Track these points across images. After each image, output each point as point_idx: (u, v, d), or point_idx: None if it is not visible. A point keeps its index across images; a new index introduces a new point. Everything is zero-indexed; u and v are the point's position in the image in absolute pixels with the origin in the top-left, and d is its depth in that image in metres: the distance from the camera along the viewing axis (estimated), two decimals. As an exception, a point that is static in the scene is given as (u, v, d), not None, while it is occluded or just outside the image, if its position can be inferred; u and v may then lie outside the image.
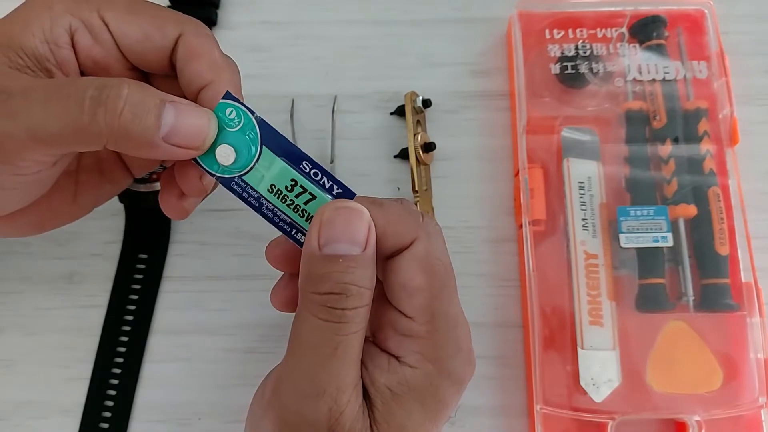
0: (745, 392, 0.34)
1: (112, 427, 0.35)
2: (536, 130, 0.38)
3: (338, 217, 0.25)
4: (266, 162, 0.26)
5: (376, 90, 0.41)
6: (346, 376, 0.24)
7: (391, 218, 0.26)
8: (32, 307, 0.37)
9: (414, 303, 0.26)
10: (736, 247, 0.36)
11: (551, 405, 0.34)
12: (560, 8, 0.40)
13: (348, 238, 0.25)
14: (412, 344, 0.26)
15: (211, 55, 0.28)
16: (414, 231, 0.26)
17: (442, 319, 0.26)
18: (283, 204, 0.26)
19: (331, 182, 0.26)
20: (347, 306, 0.24)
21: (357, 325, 0.25)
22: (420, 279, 0.26)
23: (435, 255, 0.26)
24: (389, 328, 0.26)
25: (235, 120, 0.26)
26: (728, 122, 0.38)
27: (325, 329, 0.24)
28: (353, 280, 0.24)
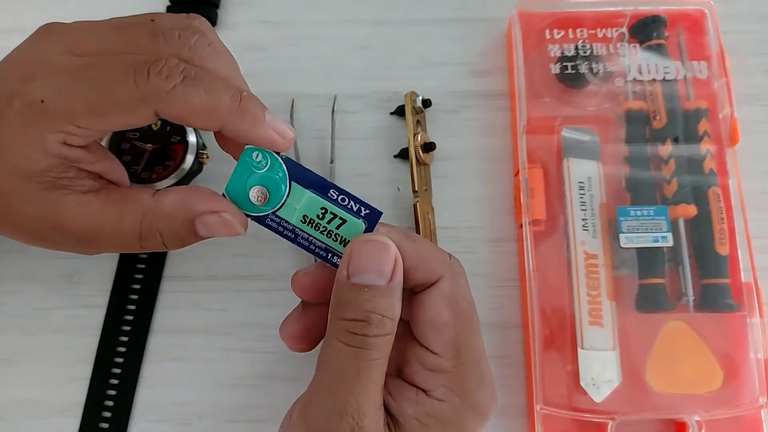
0: (745, 392, 0.34)
1: (112, 427, 0.35)
2: (536, 130, 0.38)
3: (366, 250, 0.27)
4: (296, 195, 0.27)
5: (376, 90, 0.41)
6: (367, 400, 0.26)
7: (422, 254, 0.28)
8: (32, 307, 0.37)
9: (441, 339, 0.27)
10: (736, 247, 0.36)
11: (551, 405, 0.33)
12: (560, 8, 0.40)
13: (375, 269, 0.26)
14: (439, 378, 0.27)
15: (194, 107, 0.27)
16: (441, 269, 0.28)
17: (468, 353, 0.27)
18: (316, 231, 0.28)
19: (359, 205, 0.27)
20: (369, 333, 0.26)
21: (378, 352, 0.26)
22: (447, 315, 0.27)
23: (460, 293, 0.28)
24: (416, 363, 0.28)
25: (262, 162, 0.27)
26: (728, 122, 0.38)
27: (348, 353, 0.26)
28: (376, 308, 0.26)
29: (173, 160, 0.37)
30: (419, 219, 0.37)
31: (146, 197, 0.29)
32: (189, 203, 0.28)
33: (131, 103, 0.27)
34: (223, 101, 0.27)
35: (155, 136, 0.38)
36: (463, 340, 0.27)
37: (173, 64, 0.27)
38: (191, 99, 0.27)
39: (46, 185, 0.28)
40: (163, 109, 0.27)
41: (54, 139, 0.27)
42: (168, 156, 0.37)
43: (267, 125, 0.27)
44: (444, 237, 0.38)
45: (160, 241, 0.29)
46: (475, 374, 0.27)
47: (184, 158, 0.37)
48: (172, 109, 0.27)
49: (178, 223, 0.28)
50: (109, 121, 0.27)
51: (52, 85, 0.27)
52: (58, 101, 0.27)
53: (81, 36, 0.29)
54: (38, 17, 0.42)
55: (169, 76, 0.26)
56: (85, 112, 0.27)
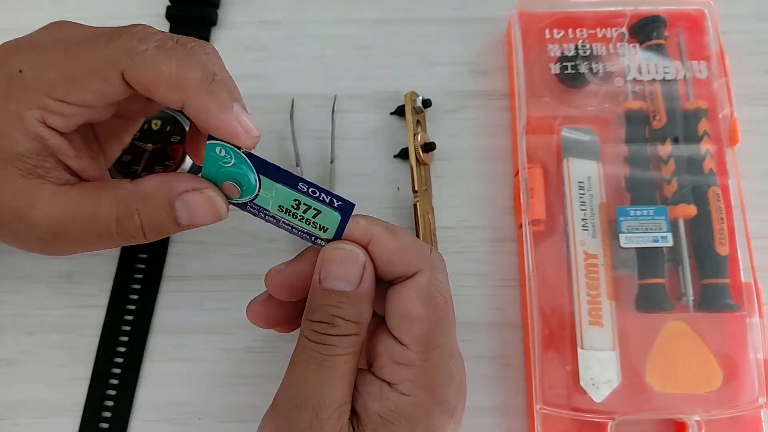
0: (744, 392, 0.34)
1: (112, 427, 0.35)
2: (536, 130, 0.38)
3: (334, 258, 0.27)
4: (267, 187, 0.27)
5: (376, 90, 0.41)
6: (327, 392, 0.26)
7: (400, 246, 0.28)
8: (32, 307, 0.37)
9: (411, 331, 0.27)
10: (736, 247, 0.36)
11: (551, 405, 0.33)
12: (560, 8, 0.40)
13: (342, 276, 0.27)
14: (406, 372, 0.27)
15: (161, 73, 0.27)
16: (420, 262, 0.28)
17: (437, 349, 0.27)
18: (295, 219, 0.28)
19: (330, 197, 0.27)
20: (332, 333, 0.27)
21: (343, 349, 0.27)
22: (420, 309, 0.27)
23: (437, 288, 0.28)
24: (385, 356, 0.28)
25: (226, 157, 0.27)
26: (728, 122, 0.38)
27: (313, 348, 0.27)
28: (342, 313, 0.27)
29: (173, 160, 0.37)
30: (419, 219, 0.37)
31: (124, 183, 0.28)
32: (170, 183, 0.27)
33: (101, 65, 0.26)
34: (193, 76, 0.26)
35: (155, 136, 0.38)
36: (434, 336, 0.27)
37: (150, 32, 0.27)
38: (160, 66, 0.26)
39: (24, 172, 0.27)
40: (130, 70, 0.26)
41: (32, 116, 0.27)
42: (168, 156, 0.37)
43: (233, 115, 0.27)
44: (444, 237, 0.38)
45: (138, 226, 0.28)
46: (443, 370, 0.27)
47: (184, 158, 0.37)
48: (139, 72, 0.26)
49: (158, 204, 0.27)
50: (81, 88, 0.27)
51: (32, 56, 0.27)
52: (35, 70, 0.27)
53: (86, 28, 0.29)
54: (38, 17, 0.42)
55: (141, 40, 0.26)
56: (59, 81, 0.27)
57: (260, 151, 0.40)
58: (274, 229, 0.29)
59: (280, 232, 0.29)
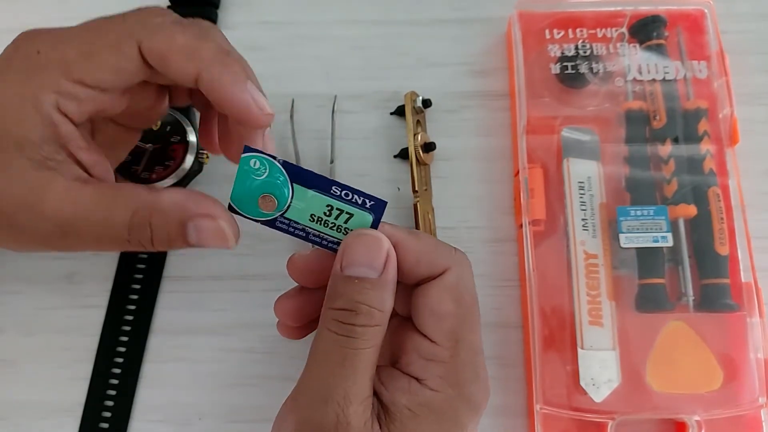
0: (745, 392, 0.34)
1: (112, 427, 0.35)
2: (536, 130, 0.38)
3: (359, 243, 0.27)
4: (300, 196, 0.27)
5: (376, 90, 0.41)
6: (353, 387, 0.26)
7: (425, 248, 0.28)
8: (32, 307, 0.37)
9: (441, 328, 0.27)
10: (736, 247, 0.36)
11: (551, 405, 0.34)
12: (560, 8, 0.40)
13: (366, 262, 0.27)
14: (435, 368, 0.27)
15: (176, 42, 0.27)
16: (446, 261, 0.28)
17: (466, 345, 0.27)
18: (326, 228, 0.28)
19: (363, 197, 0.27)
20: (356, 322, 0.26)
21: (366, 342, 0.26)
22: (449, 306, 0.27)
23: (464, 285, 0.28)
24: (413, 352, 0.28)
25: (260, 168, 0.27)
26: (728, 122, 0.38)
27: (335, 341, 0.26)
28: (365, 300, 0.26)
29: (173, 160, 0.37)
30: (419, 219, 0.37)
31: (142, 191, 0.28)
32: (187, 203, 0.27)
33: (118, 36, 0.27)
34: (208, 47, 0.27)
35: (155, 136, 0.38)
36: (462, 332, 0.27)
37: (167, 11, 0.28)
38: (176, 36, 0.27)
39: (36, 164, 0.27)
40: (147, 41, 0.27)
41: (48, 101, 0.27)
42: (168, 156, 0.37)
43: (246, 91, 0.27)
44: (444, 237, 0.38)
45: (148, 237, 0.28)
46: (470, 367, 0.27)
47: (184, 158, 0.37)
48: (155, 42, 0.27)
49: (172, 222, 0.27)
50: (98, 63, 0.27)
51: (50, 37, 0.28)
52: (53, 50, 0.27)
53: None
54: (38, 17, 0.42)
55: (158, 14, 0.27)
56: (76, 57, 0.27)
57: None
58: (273, 231, 0.29)
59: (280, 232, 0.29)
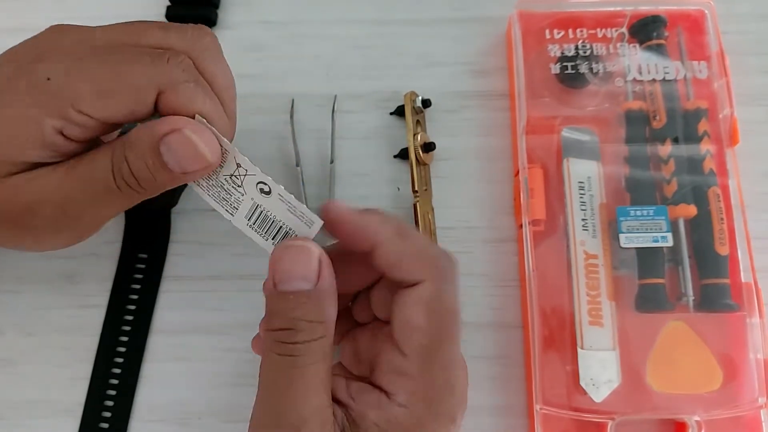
0: (745, 392, 0.34)
1: (112, 427, 0.35)
2: (536, 130, 0.38)
3: (287, 256, 0.26)
4: None
5: (376, 90, 0.41)
6: (305, 407, 0.25)
7: (408, 251, 0.27)
8: (32, 307, 0.37)
9: (411, 341, 0.26)
10: (736, 247, 0.36)
11: (551, 405, 0.34)
12: (560, 8, 0.40)
13: (298, 274, 0.26)
14: (405, 382, 0.26)
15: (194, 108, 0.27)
16: (424, 273, 0.27)
17: (437, 361, 0.27)
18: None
19: None
20: (297, 340, 0.25)
21: (311, 357, 0.25)
22: (421, 320, 0.26)
23: (441, 299, 0.27)
24: (386, 364, 0.27)
25: None
26: (728, 122, 0.38)
27: (280, 363, 0.25)
28: (303, 315, 0.25)
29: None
30: (419, 219, 0.37)
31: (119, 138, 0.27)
32: (155, 125, 0.26)
33: (142, 82, 0.26)
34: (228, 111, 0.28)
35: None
36: (435, 347, 0.26)
37: (189, 63, 0.27)
38: (196, 100, 0.26)
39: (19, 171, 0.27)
40: (168, 95, 0.26)
41: (52, 126, 0.26)
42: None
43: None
44: (444, 237, 0.38)
45: (128, 172, 0.26)
46: (444, 383, 0.27)
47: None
48: (177, 101, 0.26)
49: (145, 149, 0.26)
50: (114, 103, 0.26)
51: (62, 64, 0.26)
52: (66, 80, 0.26)
53: (92, 31, 0.28)
54: (38, 17, 0.42)
55: (185, 70, 0.26)
56: (90, 93, 0.26)
57: (260, 150, 0.40)
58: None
59: None
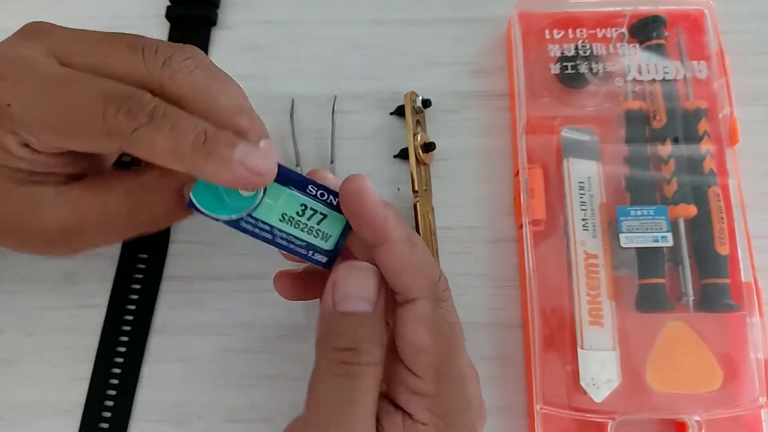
0: (745, 392, 0.34)
1: (112, 427, 0.35)
2: (536, 130, 0.38)
3: (351, 276, 0.26)
4: (273, 193, 0.27)
5: (376, 90, 0.41)
6: (357, 428, 0.25)
7: (411, 265, 0.27)
8: (32, 307, 0.37)
9: (420, 361, 0.26)
10: (736, 247, 0.36)
11: (551, 405, 0.34)
12: (560, 8, 0.40)
13: (360, 296, 0.26)
14: (422, 401, 0.26)
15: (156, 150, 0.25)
16: (421, 291, 0.27)
17: (449, 377, 0.27)
18: (296, 229, 0.27)
19: (338, 199, 0.26)
20: (361, 362, 0.25)
21: (369, 380, 0.25)
22: (425, 339, 0.26)
23: (441, 315, 0.27)
24: (401, 384, 0.27)
25: None
26: (728, 122, 0.38)
27: (339, 385, 0.25)
28: (365, 336, 0.26)
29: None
30: (419, 219, 0.37)
31: (126, 176, 0.27)
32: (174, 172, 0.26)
33: (96, 135, 0.25)
34: (185, 143, 0.25)
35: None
36: (444, 364, 0.26)
37: (144, 102, 0.25)
38: (154, 141, 0.25)
39: (19, 181, 0.27)
40: (127, 147, 0.25)
41: (16, 141, 0.26)
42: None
43: (236, 166, 0.25)
44: (444, 237, 0.38)
45: (150, 217, 0.27)
46: (458, 397, 0.27)
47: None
48: (136, 149, 0.25)
49: (167, 196, 0.27)
50: (71, 144, 0.26)
51: (22, 92, 0.26)
52: (24, 111, 0.26)
53: (67, 42, 0.28)
54: (39, 18, 0.42)
55: (135, 116, 0.25)
56: (49, 129, 0.26)
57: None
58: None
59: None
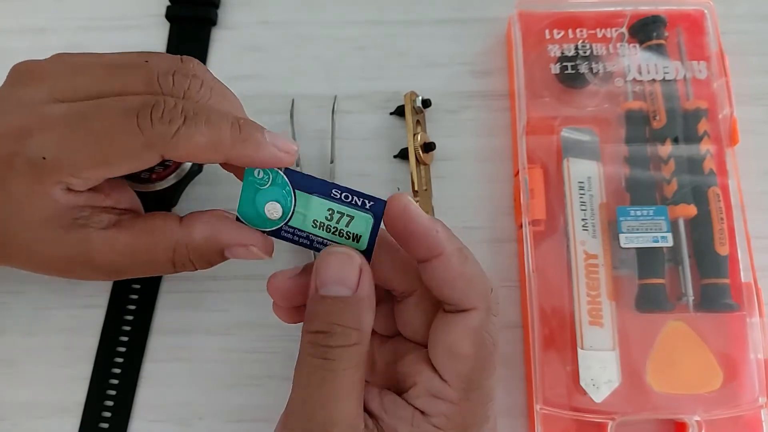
0: (745, 392, 0.34)
1: (112, 426, 0.35)
2: (536, 130, 0.38)
3: (330, 261, 0.27)
4: (303, 202, 0.28)
5: (376, 90, 0.41)
6: (335, 410, 0.25)
7: (466, 274, 0.27)
8: (32, 307, 0.37)
9: (454, 369, 0.27)
10: (736, 247, 0.36)
11: (551, 405, 0.34)
12: (560, 8, 0.40)
13: (338, 280, 0.26)
14: (443, 407, 0.27)
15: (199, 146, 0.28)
16: (478, 300, 0.27)
17: (478, 391, 0.27)
18: (329, 233, 0.28)
19: (362, 198, 0.27)
20: (332, 343, 0.25)
21: (345, 362, 0.26)
22: (468, 348, 0.26)
23: (488, 329, 0.27)
24: (423, 386, 0.27)
25: (264, 178, 0.28)
26: (728, 122, 0.38)
27: (314, 364, 0.26)
28: (339, 319, 0.26)
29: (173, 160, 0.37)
30: (419, 219, 0.37)
31: (174, 227, 0.29)
32: (218, 237, 0.29)
33: (137, 150, 0.27)
34: (225, 134, 0.27)
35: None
36: (476, 377, 0.27)
37: (172, 106, 0.27)
38: (195, 139, 0.27)
39: (66, 228, 0.28)
40: (168, 152, 0.27)
41: (58, 188, 0.28)
42: (168, 156, 0.37)
43: (269, 146, 0.28)
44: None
45: (192, 267, 0.31)
46: (480, 412, 0.27)
47: (184, 158, 0.37)
48: (178, 152, 0.27)
49: (210, 254, 0.30)
50: (114, 170, 0.28)
51: (51, 140, 0.27)
52: (61, 157, 0.27)
53: (64, 79, 0.29)
54: (40, 18, 0.43)
55: (171, 120, 0.27)
56: (89, 165, 0.27)
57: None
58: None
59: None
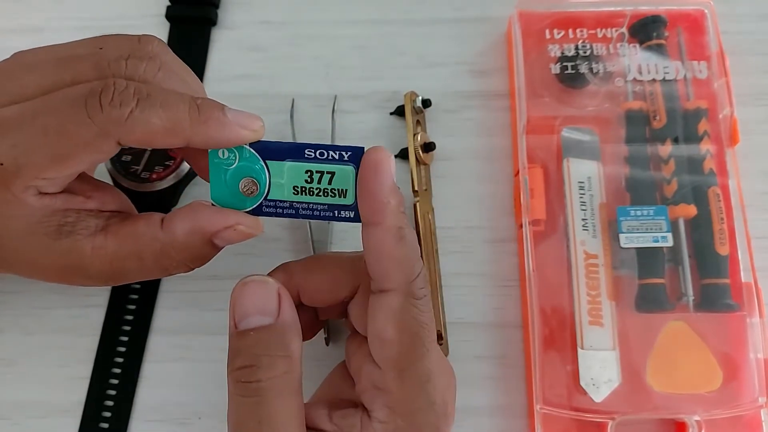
0: (745, 392, 0.34)
1: (112, 427, 0.35)
2: (536, 130, 0.38)
3: (245, 293, 0.26)
4: (277, 171, 0.26)
5: (376, 90, 0.41)
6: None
7: (393, 254, 0.26)
8: (32, 307, 0.37)
9: (384, 354, 0.26)
10: (736, 247, 0.36)
11: (551, 405, 0.34)
12: (560, 8, 0.40)
13: (257, 310, 0.25)
14: (383, 398, 0.26)
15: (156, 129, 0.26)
16: (397, 282, 0.26)
17: (412, 373, 0.26)
18: (312, 196, 0.27)
19: (338, 151, 0.26)
20: (260, 377, 0.25)
21: (278, 393, 0.25)
22: (391, 333, 0.26)
23: (410, 312, 0.26)
24: (366, 379, 0.27)
25: (231, 156, 0.27)
26: (728, 122, 0.38)
27: (245, 405, 0.25)
28: (264, 350, 0.25)
29: (173, 160, 0.37)
30: (419, 219, 0.37)
31: (155, 231, 0.28)
32: (200, 226, 0.28)
33: (91, 139, 0.25)
34: (183, 115, 0.26)
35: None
36: (407, 360, 0.26)
37: (123, 88, 0.25)
38: (152, 122, 0.25)
39: (53, 236, 0.27)
40: (124, 137, 0.26)
41: (29, 194, 0.26)
42: (168, 156, 0.37)
43: (232, 125, 0.26)
44: (444, 237, 0.38)
45: (186, 268, 0.29)
46: (420, 395, 0.26)
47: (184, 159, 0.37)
48: (134, 136, 0.26)
49: (197, 249, 0.28)
50: (74, 164, 0.26)
51: (6, 144, 0.26)
52: (18, 160, 0.26)
53: (16, 79, 0.27)
54: (39, 18, 0.43)
55: (123, 102, 0.25)
56: (48, 163, 0.26)
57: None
58: (275, 228, 0.29)
59: (280, 231, 0.29)
